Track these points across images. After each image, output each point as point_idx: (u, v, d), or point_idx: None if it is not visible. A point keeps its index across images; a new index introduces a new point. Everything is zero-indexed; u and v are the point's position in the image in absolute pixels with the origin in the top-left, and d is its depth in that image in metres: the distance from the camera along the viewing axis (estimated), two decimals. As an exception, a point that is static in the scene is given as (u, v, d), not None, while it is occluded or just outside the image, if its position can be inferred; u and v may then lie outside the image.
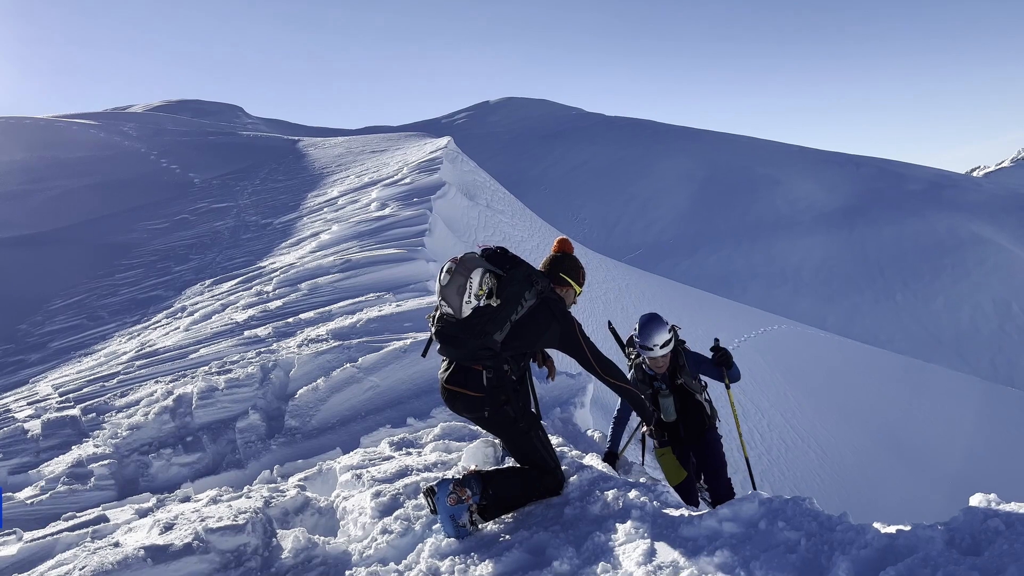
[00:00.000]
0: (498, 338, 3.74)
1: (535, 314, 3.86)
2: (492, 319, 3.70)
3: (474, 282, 3.63)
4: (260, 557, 4.10)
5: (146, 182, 30.80)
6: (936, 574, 2.45)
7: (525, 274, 3.85)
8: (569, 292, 4.20)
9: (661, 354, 5.09)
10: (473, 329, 3.68)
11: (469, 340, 3.70)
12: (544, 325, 3.88)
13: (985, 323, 47.35)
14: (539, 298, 3.89)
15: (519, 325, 3.82)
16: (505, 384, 3.80)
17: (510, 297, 3.74)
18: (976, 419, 19.16)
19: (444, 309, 3.73)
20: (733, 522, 3.26)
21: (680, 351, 5.31)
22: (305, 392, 7.25)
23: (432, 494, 3.80)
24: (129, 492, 6.26)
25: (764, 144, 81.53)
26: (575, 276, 4.22)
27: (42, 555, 4.43)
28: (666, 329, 5.09)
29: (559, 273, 4.18)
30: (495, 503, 3.85)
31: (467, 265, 3.66)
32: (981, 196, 66.74)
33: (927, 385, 21.10)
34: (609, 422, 5.43)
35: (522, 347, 3.89)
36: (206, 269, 16.42)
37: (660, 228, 64.72)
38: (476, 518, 3.82)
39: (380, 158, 27.26)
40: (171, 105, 76.81)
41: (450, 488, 3.77)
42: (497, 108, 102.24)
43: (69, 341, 13.43)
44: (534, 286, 3.85)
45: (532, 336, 3.88)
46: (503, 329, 3.74)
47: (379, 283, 10.97)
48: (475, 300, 3.65)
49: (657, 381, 5.31)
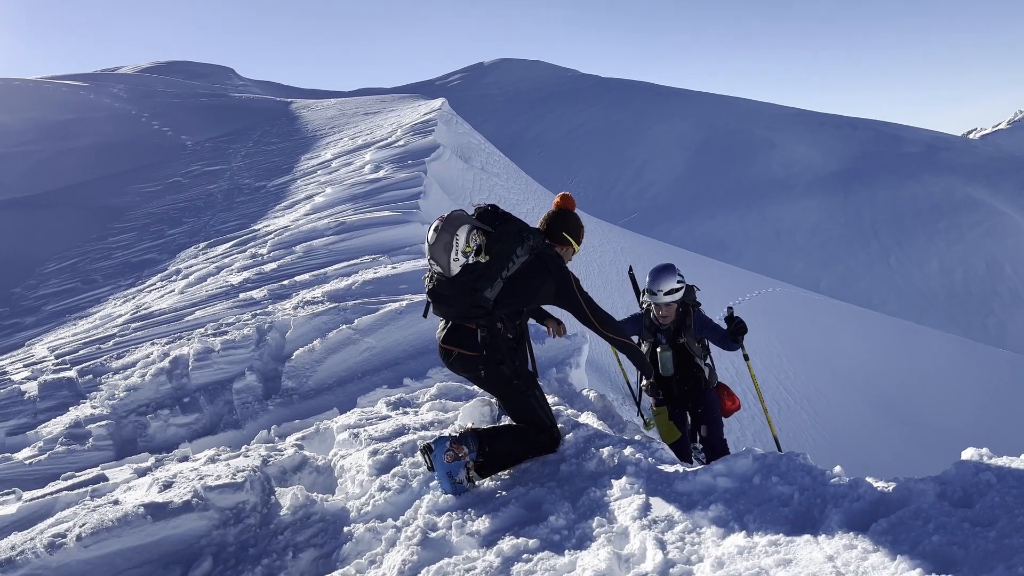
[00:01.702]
0: (489, 295, 3.73)
1: (530, 270, 3.83)
2: (482, 276, 3.68)
3: (460, 239, 3.62)
4: (259, 514, 4.14)
5: (137, 144, 30.49)
6: (928, 526, 2.48)
7: (515, 230, 3.81)
8: (567, 250, 4.16)
9: (664, 301, 5.14)
10: (463, 287, 3.67)
11: (460, 298, 3.69)
12: (540, 281, 3.85)
13: (978, 285, 47.58)
14: (533, 254, 3.85)
15: (513, 282, 3.80)
16: (500, 343, 3.81)
17: (499, 253, 3.72)
18: (967, 380, 19.34)
19: (435, 268, 3.73)
20: (727, 477, 3.30)
21: (691, 310, 5.32)
22: (301, 353, 7.26)
23: (429, 451, 3.82)
24: (127, 452, 6.30)
25: (762, 107, 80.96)
26: (576, 235, 4.16)
27: (42, 513, 4.46)
28: (675, 279, 5.13)
29: (561, 231, 4.12)
30: (492, 460, 3.88)
31: (453, 223, 3.65)
32: (977, 159, 66.60)
33: (919, 347, 21.26)
34: (605, 382, 5.48)
35: (518, 304, 3.87)
36: (200, 232, 16.34)
37: (656, 191, 64.53)
38: (473, 475, 3.86)
39: (374, 120, 27.01)
40: (161, 66, 75.72)
41: (447, 445, 3.79)
42: (492, 70, 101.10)
43: (64, 304, 13.41)
44: (525, 242, 3.82)
45: (528, 293, 3.86)
46: (494, 286, 3.73)
47: (374, 245, 10.94)
48: (463, 257, 3.64)
49: (660, 333, 5.34)
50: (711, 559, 2.67)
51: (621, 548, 2.96)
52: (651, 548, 2.85)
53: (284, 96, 55.39)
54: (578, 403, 5.12)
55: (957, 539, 2.37)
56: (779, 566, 2.50)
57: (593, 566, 2.82)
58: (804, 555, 2.51)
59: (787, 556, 2.54)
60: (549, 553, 3.07)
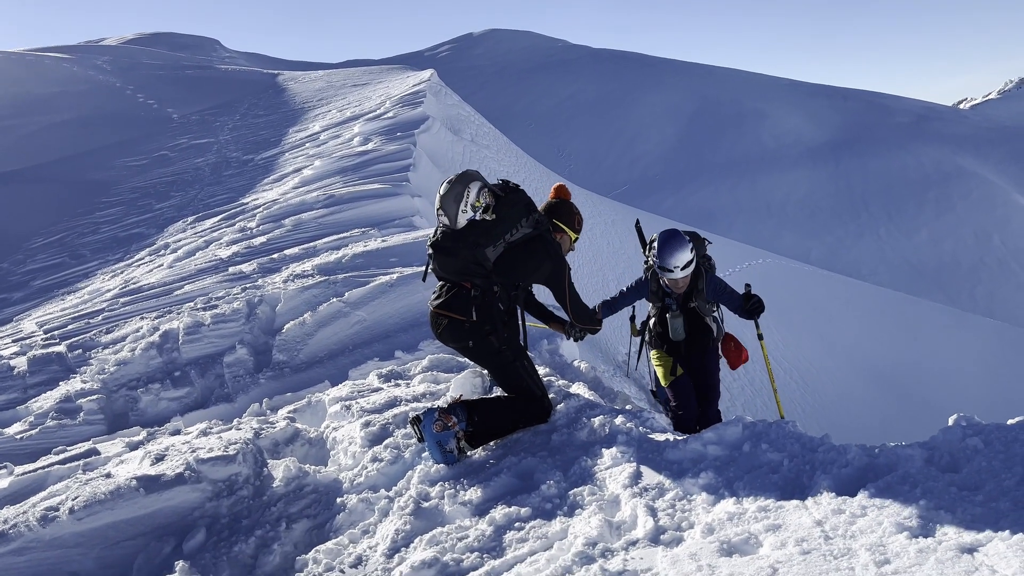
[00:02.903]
0: (491, 254, 3.81)
1: (530, 246, 3.93)
2: (486, 232, 3.77)
3: (471, 192, 3.73)
4: (252, 486, 4.15)
5: (123, 118, 30.10)
6: (915, 490, 2.51)
7: (525, 201, 3.93)
8: (564, 238, 4.29)
9: (681, 276, 4.79)
10: (467, 239, 3.75)
11: (462, 251, 3.76)
12: (538, 260, 3.95)
13: (967, 255, 47.84)
14: (536, 230, 3.97)
15: (513, 251, 3.89)
16: (492, 309, 3.83)
17: (507, 216, 3.82)
18: (955, 349, 19.50)
19: (442, 219, 3.79)
20: (717, 445, 3.32)
21: (702, 273, 4.99)
22: (292, 327, 7.24)
23: (418, 422, 3.84)
24: (119, 426, 6.29)
25: (753, 77, 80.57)
26: (570, 222, 4.30)
27: (34, 487, 4.46)
28: (688, 249, 4.74)
29: (553, 220, 4.26)
30: (481, 429, 3.91)
31: (467, 177, 3.77)
32: (967, 129, 66.62)
33: (908, 317, 21.39)
34: (596, 353, 5.47)
35: (513, 276, 3.94)
36: (188, 206, 16.21)
37: (647, 163, 64.36)
38: (464, 444, 3.88)
39: (362, 92, 26.74)
40: (146, 38, 74.63)
41: (436, 415, 3.81)
42: (481, 40, 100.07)
43: (52, 279, 13.31)
44: (531, 215, 3.93)
45: (524, 267, 3.94)
46: (496, 245, 3.81)
47: (364, 218, 10.88)
48: (471, 211, 3.74)
49: (669, 298, 5.06)
50: (701, 525, 2.70)
51: (612, 516, 2.98)
52: (642, 515, 2.87)
53: (271, 68, 54.72)
54: (569, 374, 5.14)
55: (944, 503, 2.40)
56: (768, 531, 2.52)
57: (585, 533, 2.85)
58: (793, 520, 2.54)
59: (776, 521, 2.56)
60: (541, 521, 3.09)
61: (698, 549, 2.53)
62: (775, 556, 2.35)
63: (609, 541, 2.79)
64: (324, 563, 3.28)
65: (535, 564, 2.78)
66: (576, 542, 2.81)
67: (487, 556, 2.95)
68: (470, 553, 2.98)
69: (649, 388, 8.30)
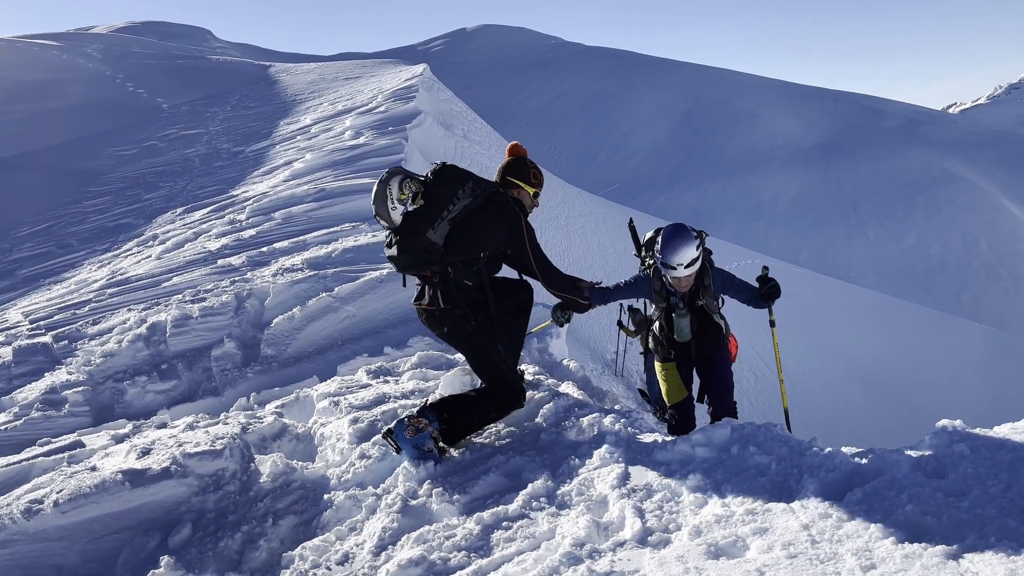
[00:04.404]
0: (434, 238, 3.80)
1: (479, 214, 3.90)
2: (422, 218, 3.79)
3: (393, 188, 3.77)
4: (239, 481, 4.14)
5: (112, 107, 29.86)
6: (901, 496, 2.52)
7: (454, 173, 3.92)
8: (524, 194, 4.21)
9: (686, 274, 4.38)
10: (406, 232, 3.79)
11: (406, 244, 3.79)
12: (489, 224, 3.91)
13: (954, 259, 48.18)
14: (481, 198, 3.92)
15: (461, 225, 3.86)
16: (454, 293, 3.85)
17: (437, 196, 3.82)
18: (942, 353, 19.64)
19: (381, 223, 3.85)
20: (706, 447, 3.33)
21: (707, 267, 4.64)
22: (281, 321, 7.21)
23: (390, 434, 3.84)
24: (104, 419, 6.24)
25: (746, 78, 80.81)
26: (524, 177, 4.20)
27: (18, 479, 4.43)
28: (694, 245, 4.31)
29: (506, 176, 4.20)
30: (454, 425, 3.91)
31: (387, 176, 3.81)
32: (956, 133, 67.06)
33: (895, 319, 21.52)
34: (585, 352, 5.44)
35: (469, 249, 3.89)
36: (177, 197, 16.10)
37: (638, 162, 64.45)
38: (442, 445, 3.88)
39: (354, 85, 26.61)
40: (136, 27, 74.04)
41: (406, 423, 3.82)
42: (474, 36, 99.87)
43: (38, 268, 13.19)
44: (465, 185, 3.89)
45: (479, 236, 3.90)
46: (436, 227, 3.81)
47: (354, 213, 10.83)
48: (399, 205, 3.77)
49: (675, 297, 4.68)
50: (689, 527, 2.71)
51: (600, 516, 2.98)
52: (630, 516, 2.88)
53: (263, 59, 54.41)
54: (558, 373, 5.14)
55: (930, 509, 2.41)
56: (755, 534, 2.53)
57: (572, 534, 2.85)
58: (780, 524, 2.55)
59: (763, 525, 2.57)
60: (528, 521, 3.09)
61: (685, 551, 2.54)
62: (762, 559, 2.36)
63: (597, 542, 2.79)
64: (311, 560, 3.27)
65: (522, 564, 2.78)
66: (564, 542, 2.81)
67: (474, 555, 2.95)
68: (457, 552, 2.98)
69: (637, 387, 8.30)
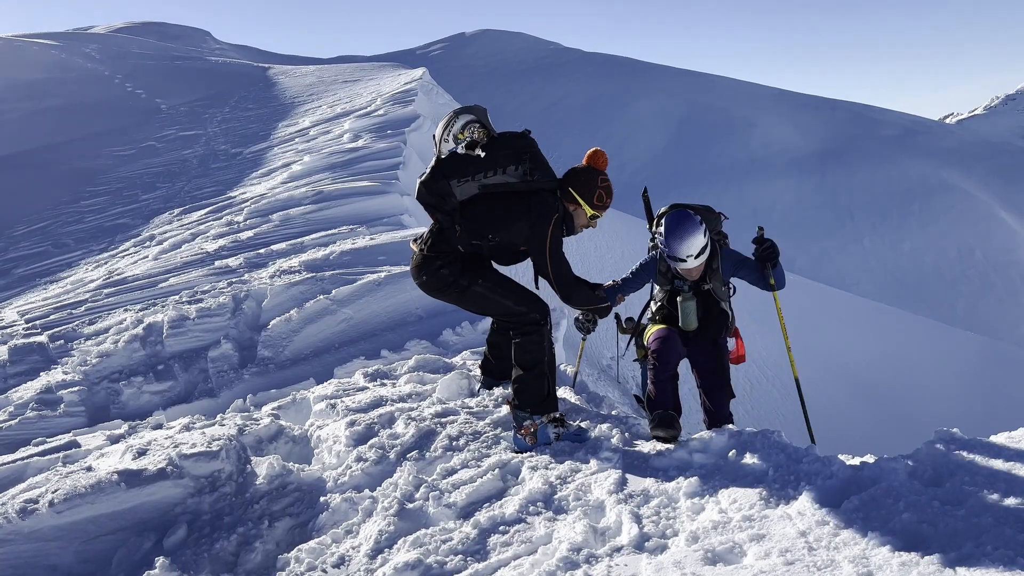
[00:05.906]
0: (456, 190, 3.65)
1: (511, 199, 3.67)
2: (456, 166, 3.62)
3: (457, 124, 3.64)
4: (235, 483, 4.13)
5: (110, 106, 29.82)
6: (898, 504, 2.53)
7: (518, 148, 3.66)
8: (579, 212, 3.80)
9: (695, 264, 4.08)
10: (437, 170, 3.66)
11: (431, 180, 3.66)
12: (513, 217, 3.66)
13: (949, 268, 48.32)
14: (527, 186, 3.67)
15: (490, 199, 3.68)
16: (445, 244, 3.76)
17: (489, 157, 3.61)
18: (937, 362, 19.66)
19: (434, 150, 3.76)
20: (703, 453, 3.34)
21: (717, 250, 4.34)
22: (278, 323, 7.21)
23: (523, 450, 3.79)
24: (100, 419, 6.23)
25: (743, 86, 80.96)
26: (587, 194, 3.73)
27: (13, 479, 4.41)
28: (700, 232, 4.00)
29: (567, 186, 3.77)
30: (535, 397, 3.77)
31: (462, 110, 3.70)
32: (952, 143, 67.28)
33: (891, 328, 21.55)
34: (576, 355, 5.42)
35: (483, 226, 3.70)
36: (175, 198, 16.08)
37: (635, 168, 64.51)
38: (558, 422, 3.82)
39: (353, 88, 26.63)
40: (135, 27, 73.89)
41: (516, 436, 3.81)
42: (473, 40, 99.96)
43: (34, 268, 13.16)
44: (522, 164, 3.65)
45: (497, 219, 3.68)
46: (462, 181, 3.63)
47: (352, 216, 10.84)
48: (452, 141, 3.65)
49: (679, 280, 4.37)
50: (686, 534, 2.71)
51: (597, 521, 2.99)
52: (627, 522, 2.88)
53: (262, 61, 54.36)
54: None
55: (927, 517, 2.42)
56: (753, 541, 2.54)
57: (569, 539, 2.85)
58: (777, 530, 2.55)
59: (760, 531, 2.58)
60: (525, 525, 3.09)
61: (682, 557, 2.54)
62: (759, 566, 2.37)
63: (594, 547, 2.80)
64: (306, 562, 3.26)
65: (519, 568, 2.78)
66: (560, 547, 2.81)
67: (471, 559, 2.94)
68: (454, 556, 2.98)
69: (633, 393, 8.31)
